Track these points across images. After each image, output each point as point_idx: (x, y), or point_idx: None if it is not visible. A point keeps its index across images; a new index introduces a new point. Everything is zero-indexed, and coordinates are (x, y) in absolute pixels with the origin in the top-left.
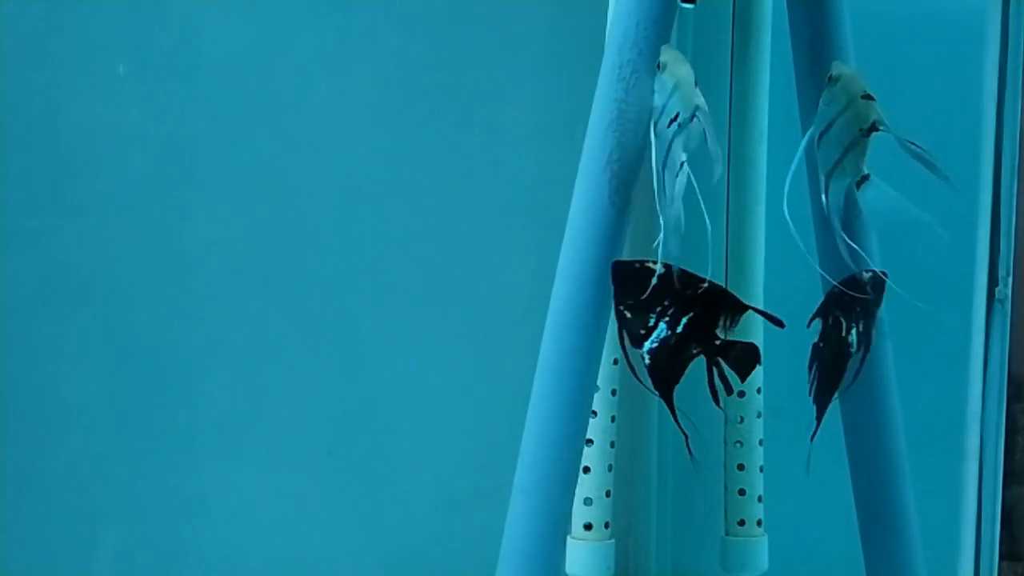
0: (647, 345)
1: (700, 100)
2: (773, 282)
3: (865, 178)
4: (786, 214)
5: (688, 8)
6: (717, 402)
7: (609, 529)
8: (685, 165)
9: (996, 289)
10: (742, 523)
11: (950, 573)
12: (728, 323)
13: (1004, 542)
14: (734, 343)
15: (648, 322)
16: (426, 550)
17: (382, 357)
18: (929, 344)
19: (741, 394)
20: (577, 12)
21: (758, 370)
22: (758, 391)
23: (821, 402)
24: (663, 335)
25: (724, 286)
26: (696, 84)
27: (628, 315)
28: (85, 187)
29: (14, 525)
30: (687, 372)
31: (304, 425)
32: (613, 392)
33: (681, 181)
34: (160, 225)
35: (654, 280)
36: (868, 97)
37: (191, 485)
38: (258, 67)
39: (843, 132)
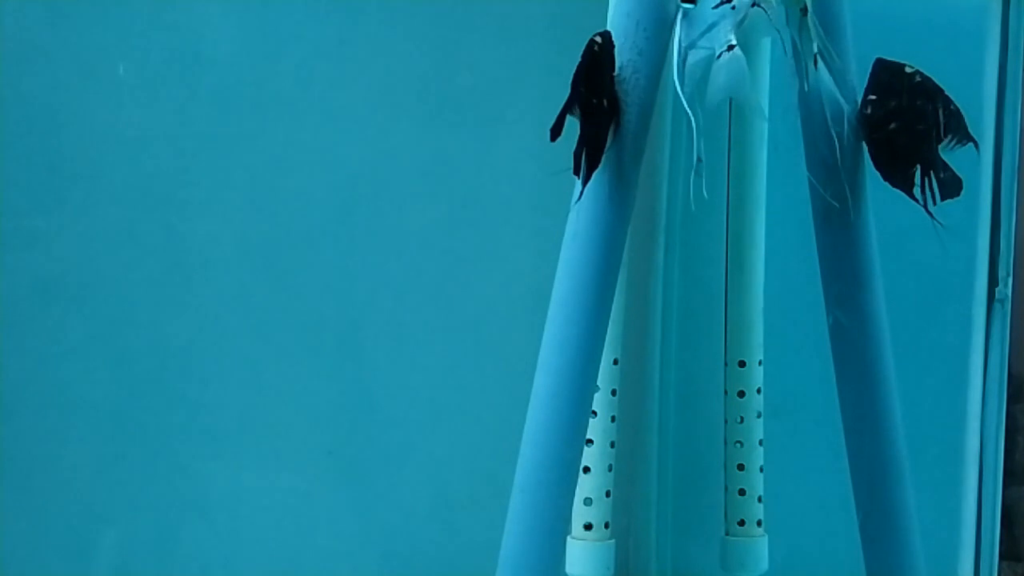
0: None
1: None
2: (773, 282)
3: (815, 58)
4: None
5: (689, 8)
6: None
7: (609, 529)
8: (737, 48)
9: (996, 289)
10: (742, 523)
11: (950, 573)
12: None
13: (1004, 542)
14: None
15: None
16: (426, 550)
17: (382, 356)
18: (929, 344)
19: (741, 394)
20: (577, 12)
21: (758, 370)
22: (758, 391)
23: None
24: None
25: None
26: None
27: None
28: (85, 187)
29: (14, 525)
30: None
31: (304, 425)
32: (613, 392)
33: (731, 63)
34: (160, 225)
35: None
36: None
37: (191, 485)
38: (258, 67)
39: (791, 14)
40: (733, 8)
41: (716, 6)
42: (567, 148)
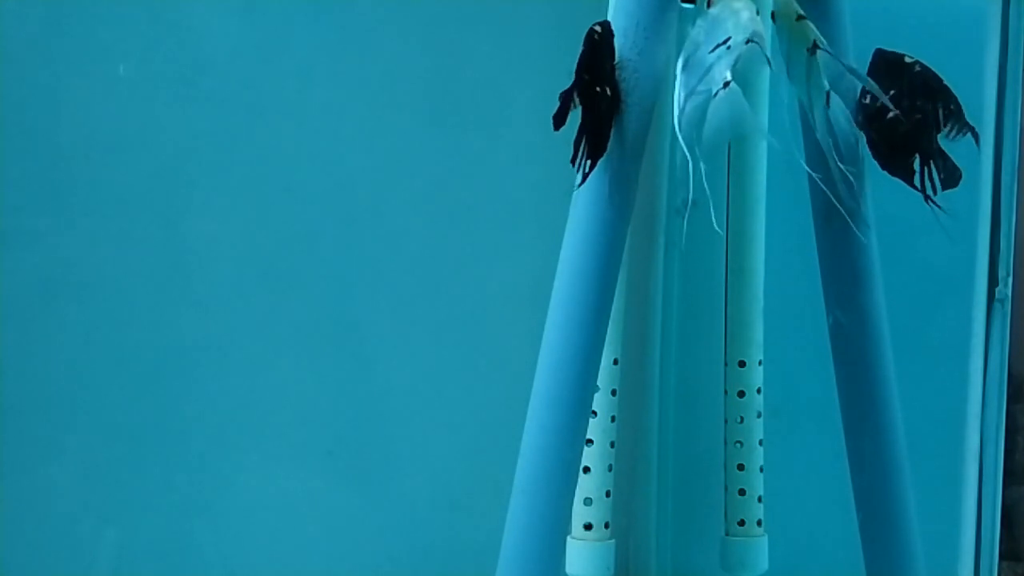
0: None
1: (759, 27)
2: (773, 282)
3: (828, 95)
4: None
5: (689, 8)
6: None
7: (609, 529)
8: (732, 84)
9: (996, 289)
10: (742, 523)
11: (950, 573)
12: None
13: (1004, 542)
14: None
15: None
16: (426, 550)
17: (382, 356)
18: (929, 344)
19: (741, 394)
20: (577, 12)
21: (758, 370)
22: (758, 391)
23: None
24: None
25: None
26: (758, 13)
27: None
28: (85, 187)
29: (14, 525)
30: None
31: (304, 425)
32: (613, 392)
33: (727, 98)
34: (160, 225)
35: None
36: (801, 17)
37: (191, 485)
38: (258, 67)
39: (796, 56)
40: (728, 48)
41: (712, 49)
42: (567, 148)
